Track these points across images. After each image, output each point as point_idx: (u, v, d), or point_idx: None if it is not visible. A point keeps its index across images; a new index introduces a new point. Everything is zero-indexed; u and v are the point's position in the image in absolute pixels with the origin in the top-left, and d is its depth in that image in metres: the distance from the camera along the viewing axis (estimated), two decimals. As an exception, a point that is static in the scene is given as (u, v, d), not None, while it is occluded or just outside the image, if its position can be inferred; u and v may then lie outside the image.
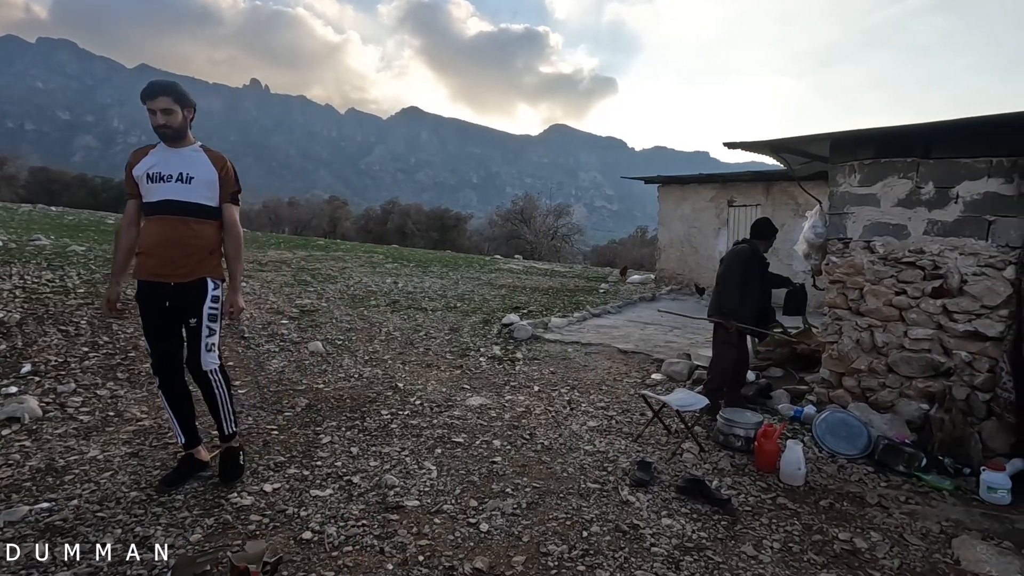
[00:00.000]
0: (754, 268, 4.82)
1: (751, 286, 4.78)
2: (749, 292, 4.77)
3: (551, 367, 6.27)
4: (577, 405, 4.98)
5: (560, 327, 8.39)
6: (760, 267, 4.90)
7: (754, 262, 4.83)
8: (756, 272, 4.84)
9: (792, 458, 3.62)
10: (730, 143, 5.45)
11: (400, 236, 37.09)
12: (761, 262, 4.92)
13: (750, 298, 4.79)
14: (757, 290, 4.86)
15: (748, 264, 4.78)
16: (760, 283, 4.89)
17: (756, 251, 4.88)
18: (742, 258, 4.80)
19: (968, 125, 4.11)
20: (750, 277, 4.77)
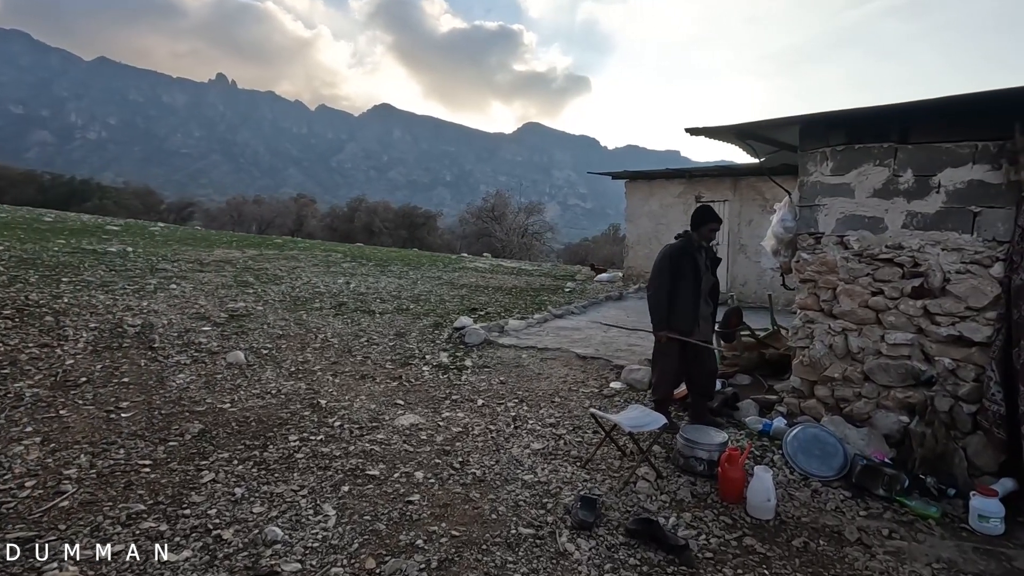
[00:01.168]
0: (685, 265, 4.19)
1: (683, 286, 4.18)
2: (681, 293, 4.17)
3: (501, 376, 5.69)
4: (523, 422, 4.41)
5: (517, 330, 7.82)
6: (693, 262, 4.22)
7: (683, 258, 4.20)
8: (688, 269, 4.19)
9: (760, 488, 3.12)
10: (692, 128, 4.96)
11: (367, 234, 36.04)
12: (694, 257, 4.23)
13: (683, 300, 4.18)
14: (692, 290, 4.20)
15: (674, 261, 4.18)
16: (695, 281, 4.21)
17: (689, 244, 4.27)
18: (665, 256, 4.23)
19: (951, 104, 3.67)
20: (680, 275, 4.17)
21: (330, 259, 15.23)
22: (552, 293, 12.26)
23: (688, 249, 4.24)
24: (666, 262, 4.21)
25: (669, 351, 4.23)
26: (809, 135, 4.48)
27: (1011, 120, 3.47)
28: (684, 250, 4.24)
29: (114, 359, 5.03)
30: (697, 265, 4.21)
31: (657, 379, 4.42)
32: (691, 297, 4.21)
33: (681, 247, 4.26)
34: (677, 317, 4.18)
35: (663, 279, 4.19)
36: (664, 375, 4.34)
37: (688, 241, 4.30)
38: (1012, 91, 3.34)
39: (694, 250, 4.25)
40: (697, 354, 4.28)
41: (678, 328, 4.19)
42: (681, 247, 4.26)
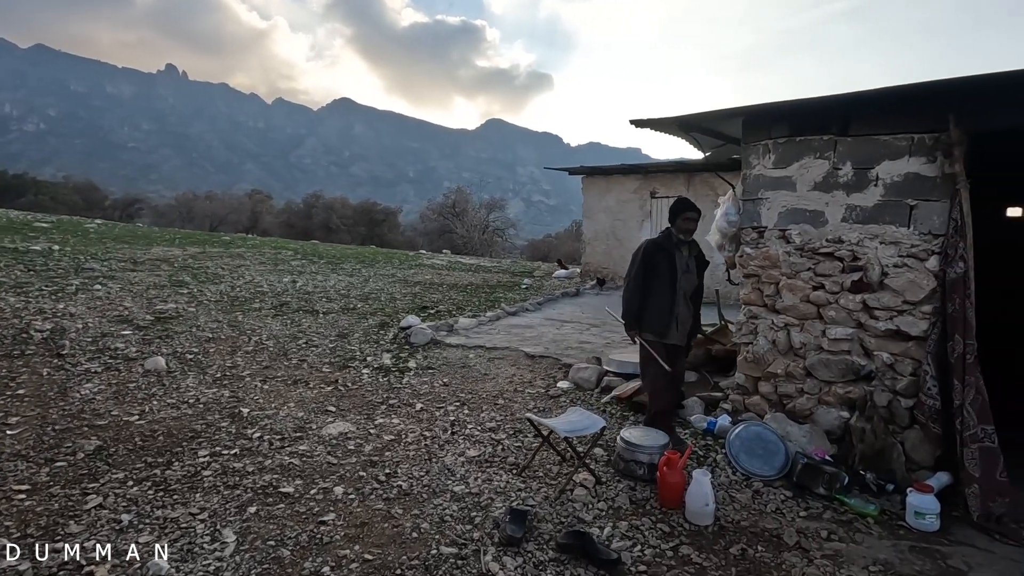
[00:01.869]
0: (660, 261, 3.90)
1: (657, 284, 3.89)
2: (655, 292, 3.90)
3: (445, 378, 5.45)
4: (462, 427, 4.19)
5: (467, 329, 7.59)
6: (669, 259, 3.90)
7: (658, 254, 3.91)
8: (663, 266, 3.89)
9: (699, 493, 2.98)
10: (637, 120, 4.82)
11: (325, 231, 35.06)
12: (670, 254, 3.91)
13: (657, 298, 3.90)
14: (666, 288, 3.89)
15: (647, 256, 3.91)
16: (671, 279, 3.88)
17: (667, 240, 3.99)
18: (639, 252, 3.98)
19: (888, 96, 3.62)
20: (654, 274, 3.90)
21: (279, 257, 14.64)
22: (508, 290, 12.07)
23: (665, 245, 3.95)
24: (639, 258, 3.95)
25: (651, 355, 3.88)
26: (752, 127, 4.40)
27: (945, 113, 3.43)
28: (660, 246, 3.95)
29: (12, 368, 4.56)
30: (673, 262, 3.89)
31: (648, 389, 4.07)
32: (666, 296, 3.88)
33: (657, 242, 3.99)
34: (650, 317, 3.90)
35: (635, 275, 3.94)
36: (656, 383, 3.95)
37: (666, 236, 4.01)
38: (945, 83, 3.30)
39: (671, 246, 3.94)
40: (676, 359, 3.98)
41: (651, 328, 3.90)
42: (657, 242, 3.99)
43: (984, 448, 3.26)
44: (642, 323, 3.93)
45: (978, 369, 3.32)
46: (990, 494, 3.19)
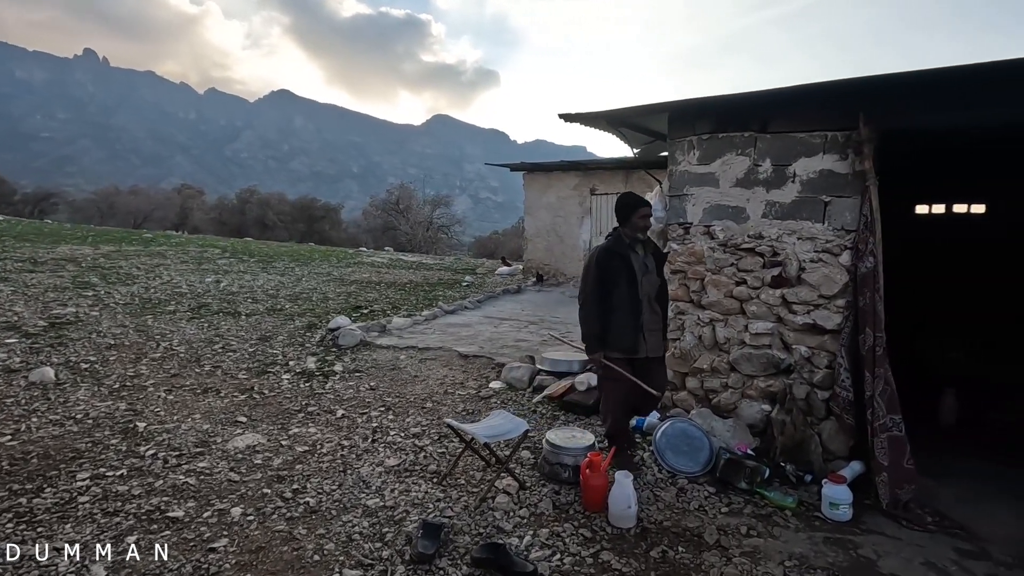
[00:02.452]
0: (616, 268, 3.39)
1: (617, 294, 3.39)
2: (617, 303, 3.37)
3: (372, 381, 5.20)
4: (384, 433, 3.97)
5: (401, 329, 7.33)
6: (625, 263, 3.41)
7: (612, 260, 3.41)
8: (621, 273, 3.38)
9: (621, 495, 2.91)
10: (565, 115, 4.73)
11: (260, 228, 33.56)
12: (626, 257, 3.42)
13: (620, 311, 3.38)
14: (628, 297, 3.38)
15: (601, 266, 3.41)
16: (631, 286, 3.39)
17: (618, 242, 3.49)
18: (591, 263, 3.48)
19: (804, 93, 3.67)
20: (612, 283, 3.39)
21: (205, 255, 13.81)
22: (448, 288, 11.85)
23: (617, 248, 3.45)
24: (592, 270, 3.44)
25: (616, 375, 3.40)
26: (677, 123, 4.40)
27: (855, 111, 3.51)
28: (612, 251, 3.45)
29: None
30: (631, 266, 3.42)
31: (603, 409, 3.68)
32: (628, 306, 3.39)
33: (608, 248, 3.48)
34: (615, 334, 3.40)
35: (590, 290, 3.43)
36: (612, 404, 3.58)
37: (617, 239, 3.53)
38: (854, 82, 3.37)
39: (624, 248, 3.46)
40: (651, 373, 3.51)
41: (619, 346, 3.41)
42: (608, 248, 3.48)
43: (892, 437, 3.36)
44: (607, 342, 3.42)
45: (887, 361, 3.42)
46: (898, 482, 3.29)
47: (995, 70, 3.02)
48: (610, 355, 3.42)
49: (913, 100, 3.42)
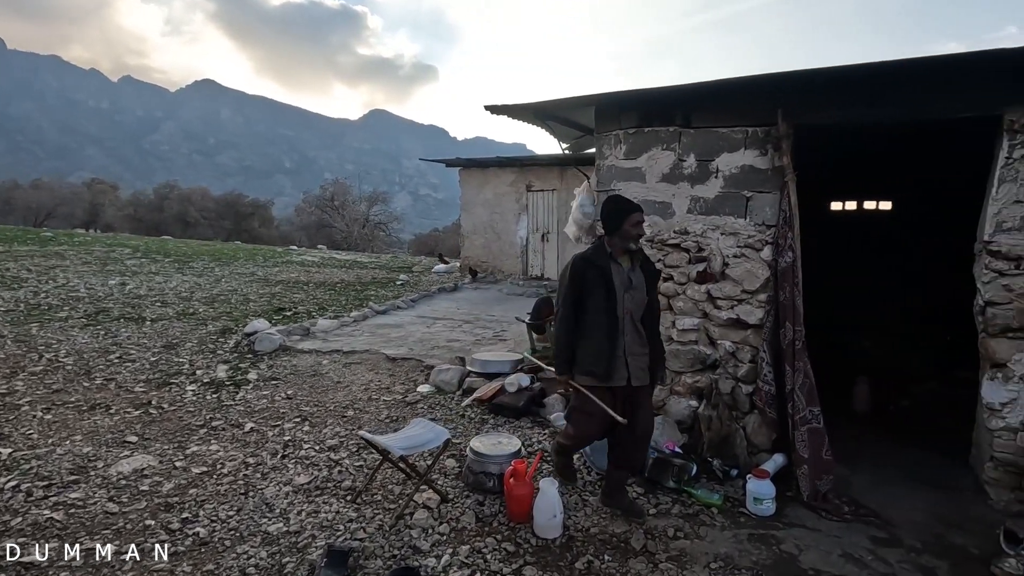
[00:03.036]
0: (592, 281, 2.89)
1: (592, 311, 2.90)
2: (589, 321, 2.91)
3: (290, 389, 4.84)
4: (297, 447, 3.66)
5: (327, 331, 6.94)
6: (604, 277, 2.89)
7: (589, 271, 2.91)
8: (598, 287, 2.89)
9: (545, 505, 2.77)
10: (492, 106, 4.56)
11: (182, 226, 31.41)
12: (604, 270, 2.90)
13: (593, 330, 2.89)
14: (604, 315, 2.88)
15: (577, 278, 2.92)
16: (608, 303, 2.88)
17: (598, 253, 2.97)
18: (565, 272, 3.01)
19: (725, 88, 3.67)
20: (586, 297, 2.92)
21: (112, 255, 12.69)
22: (382, 287, 11.45)
23: (596, 259, 2.94)
24: (567, 279, 2.98)
25: (590, 403, 2.89)
26: (603, 117, 4.32)
27: (774, 106, 3.53)
28: (589, 261, 2.94)
29: None
30: (609, 279, 2.90)
31: (568, 437, 3.17)
32: (603, 324, 2.89)
33: (585, 257, 2.98)
34: (586, 356, 2.90)
35: (564, 303, 2.98)
36: (576, 439, 3.15)
37: (597, 248, 3.00)
38: (771, 77, 3.39)
39: (605, 259, 2.93)
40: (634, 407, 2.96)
41: (590, 371, 2.89)
42: (585, 257, 2.98)
43: (812, 429, 3.41)
44: (577, 364, 2.94)
45: (806, 354, 3.47)
46: (817, 473, 3.33)
47: (895, 68, 3.10)
48: (580, 380, 2.93)
49: (824, 96, 3.47)
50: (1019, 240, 3.04)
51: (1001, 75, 3.00)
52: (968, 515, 3.13)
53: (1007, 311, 3.11)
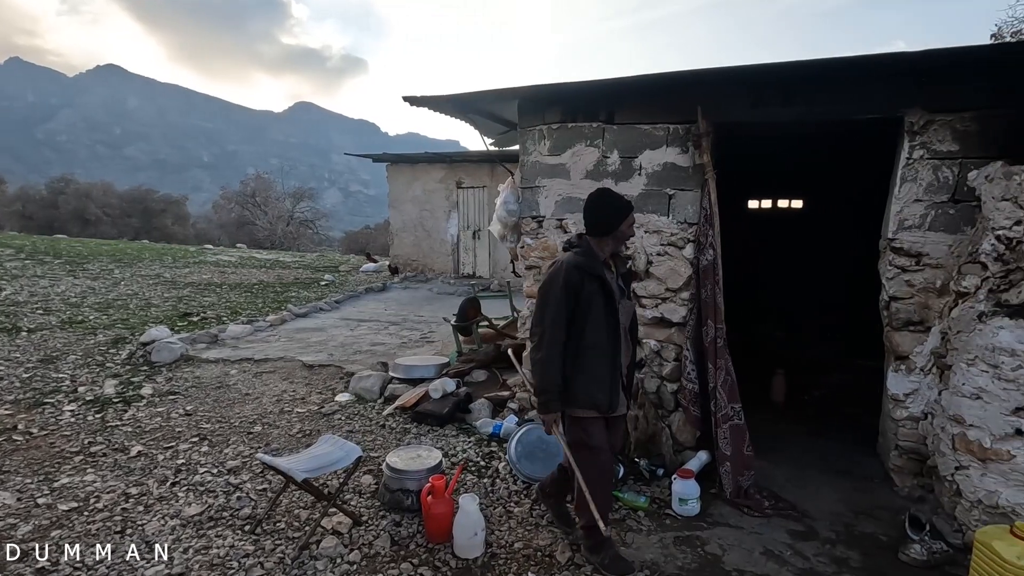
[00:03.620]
0: (592, 295, 2.43)
1: (592, 330, 2.45)
2: (591, 343, 2.45)
3: (190, 404, 4.38)
4: (191, 472, 3.28)
5: (238, 338, 6.42)
6: (604, 288, 2.46)
7: (587, 282, 2.43)
8: (597, 301, 2.44)
9: (465, 523, 2.59)
10: (410, 98, 4.30)
11: (81, 224, 28.59)
12: (602, 279, 2.46)
13: (597, 354, 2.46)
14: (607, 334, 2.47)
15: (571, 289, 2.41)
16: (610, 318, 2.47)
17: (591, 260, 2.48)
18: (555, 282, 2.44)
19: (647, 84, 3.62)
20: (584, 312, 2.44)
21: (-10, 257, 11.26)
22: (305, 288, 10.85)
23: (594, 268, 2.45)
24: (556, 293, 2.42)
25: (592, 442, 2.48)
26: (527, 111, 4.18)
27: (694, 104, 3.52)
28: (588, 271, 2.44)
29: None
30: (609, 290, 2.47)
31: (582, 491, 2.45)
32: (607, 344, 2.46)
33: (579, 265, 2.45)
34: (588, 383, 2.45)
35: (550, 322, 2.42)
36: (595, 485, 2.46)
37: (590, 255, 2.49)
38: (690, 74, 3.36)
39: (601, 266, 2.48)
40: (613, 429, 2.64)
41: (590, 401, 2.46)
42: (579, 265, 2.45)
43: (734, 426, 3.43)
44: (573, 395, 2.46)
45: (727, 352, 3.48)
46: (739, 469, 3.36)
47: (804, 68, 3.15)
48: (577, 413, 2.49)
49: (741, 95, 3.49)
50: (919, 237, 3.18)
51: (901, 78, 3.11)
52: (877, 503, 3.25)
53: (909, 306, 3.24)
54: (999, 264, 2.74)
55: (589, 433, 2.48)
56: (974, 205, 3.01)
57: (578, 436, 2.51)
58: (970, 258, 2.88)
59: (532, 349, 2.49)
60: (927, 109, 3.09)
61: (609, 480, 2.57)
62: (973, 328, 2.76)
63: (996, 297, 2.72)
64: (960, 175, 3.05)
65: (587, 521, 2.51)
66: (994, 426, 2.65)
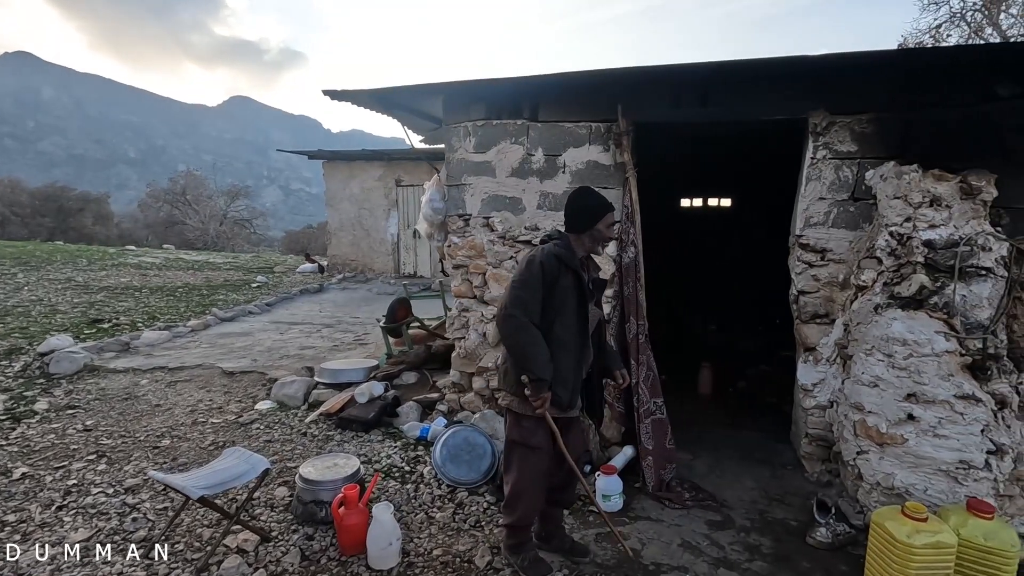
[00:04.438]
0: (566, 289, 2.36)
1: (561, 325, 2.37)
2: (559, 337, 2.36)
3: (90, 418, 4.05)
4: (83, 493, 3.01)
5: (153, 345, 6.02)
6: (578, 285, 2.40)
7: (563, 275, 2.36)
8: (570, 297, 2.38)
9: (379, 534, 2.49)
10: (330, 91, 4.13)
11: (-15, 224, 26.20)
12: (579, 276, 2.40)
13: (563, 351, 2.37)
14: (576, 334, 2.41)
15: (550, 277, 2.33)
16: (580, 317, 2.42)
17: (571, 254, 2.40)
18: (533, 268, 2.33)
19: (566, 81, 3.62)
20: (558, 305, 2.36)
21: None
22: (234, 290, 10.34)
23: (570, 261, 2.37)
24: (537, 277, 2.31)
25: (534, 441, 2.40)
26: (452, 108, 4.10)
27: (614, 102, 3.55)
28: (567, 264, 2.36)
29: None
30: (582, 289, 2.41)
31: (513, 490, 2.47)
32: (575, 343, 2.40)
33: (560, 256, 2.36)
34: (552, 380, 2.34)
35: (532, 306, 2.30)
36: (528, 482, 2.45)
37: (569, 250, 2.41)
38: (609, 72, 3.38)
39: (578, 263, 2.41)
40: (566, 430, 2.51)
41: (556, 399, 2.39)
42: (560, 256, 2.36)
43: (656, 420, 3.49)
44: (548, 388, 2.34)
45: (649, 348, 3.54)
46: (661, 462, 3.41)
47: (714, 69, 3.23)
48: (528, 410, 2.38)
49: (660, 94, 3.55)
50: (823, 234, 3.32)
51: (804, 81, 3.24)
52: (789, 489, 3.38)
53: (815, 299, 3.39)
54: (892, 259, 2.90)
55: (533, 432, 2.41)
56: (871, 203, 3.17)
57: (521, 434, 2.43)
58: (867, 253, 3.04)
59: (509, 335, 2.30)
60: (829, 111, 3.23)
61: (542, 483, 2.49)
62: (870, 320, 2.91)
63: (890, 290, 2.87)
64: (858, 174, 3.21)
65: (511, 520, 2.50)
66: (889, 412, 2.79)
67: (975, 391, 2.64)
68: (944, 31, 11.71)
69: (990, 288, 2.71)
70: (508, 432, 2.51)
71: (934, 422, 2.69)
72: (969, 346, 2.69)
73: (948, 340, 2.68)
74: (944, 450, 2.67)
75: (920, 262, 2.78)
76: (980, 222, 2.75)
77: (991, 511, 2.41)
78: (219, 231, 28.68)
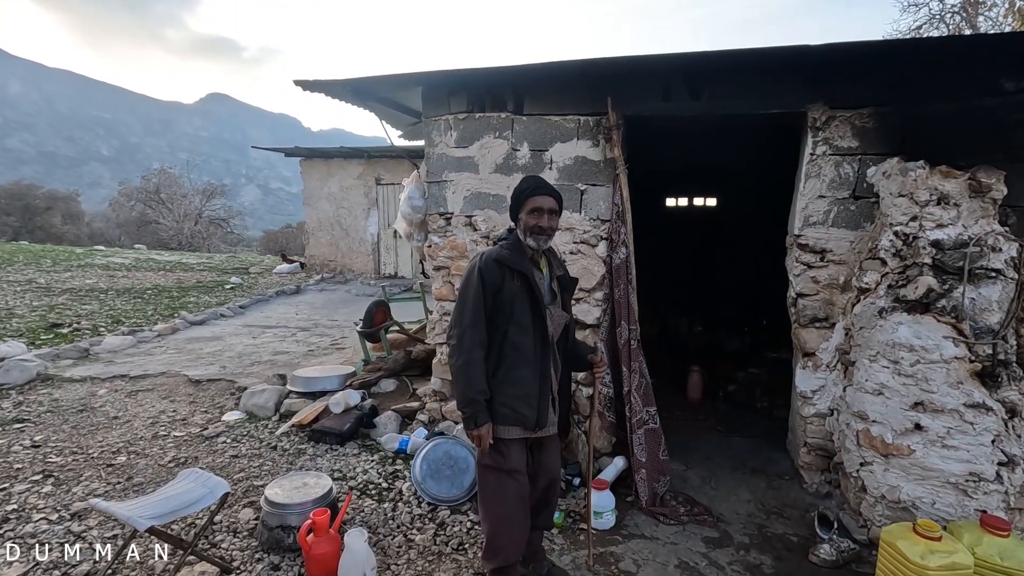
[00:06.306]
0: (510, 292, 2.14)
1: (515, 334, 2.16)
2: (511, 349, 2.16)
3: (39, 433, 3.74)
4: (23, 520, 2.72)
5: (115, 351, 5.68)
6: (528, 286, 2.16)
7: (508, 277, 2.15)
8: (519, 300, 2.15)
9: (352, 564, 2.26)
10: (301, 81, 3.88)
11: (-55, 223, 25.14)
12: (527, 277, 2.15)
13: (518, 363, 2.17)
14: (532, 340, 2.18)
15: (489, 283, 2.13)
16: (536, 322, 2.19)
17: (515, 252, 2.19)
18: (471, 278, 2.16)
19: (552, 71, 3.41)
20: (504, 313, 2.15)
21: None
22: (207, 292, 9.96)
23: (514, 261, 2.16)
24: (472, 289, 2.14)
25: (509, 465, 2.18)
26: (432, 100, 3.87)
27: (604, 95, 3.36)
28: (508, 264, 2.15)
29: None
30: (534, 291, 2.16)
31: (491, 529, 2.23)
32: (532, 353, 2.18)
33: (498, 258, 2.16)
34: (509, 397, 2.15)
35: (469, 322, 2.12)
36: (499, 513, 2.22)
37: (515, 247, 2.21)
38: (597, 62, 3.19)
39: (527, 263, 2.19)
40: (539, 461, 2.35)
41: (514, 418, 2.16)
42: (498, 258, 2.16)
43: (649, 430, 3.31)
44: (494, 411, 2.15)
45: (641, 354, 3.35)
46: (655, 475, 3.24)
47: (710, 59, 3.05)
48: (503, 433, 2.16)
49: (652, 86, 3.37)
50: (823, 233, 3.17)
51: (804, 73, 3.08)
52: (787, 501, 3.23)
53: (815, 302, 3.24)
54: (897, 260, 2.76)
55: (506, 455, 2.17)
56: (873, 201, 3.03)
57: (492, 459, 2.18)
58: (870, 254, 2.89)
59: (449, 355, 2.16)
60: (829, 105, 3.08)
61: (523, 510, 2.23)
62: (874, 324, 2.76)
63: (895, 293, 2.73)
64: (860, 171, 3.07)
65: (495, 564, 2.23)
66: (895, 421, 2.65)
67: (985, 399, 2.50)
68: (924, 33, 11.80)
69: (1000, 291, 2.58)
70: (479, 456, 2.25)
71: (942, 432, 2.54)
72: (979, 352, 2.55)
73: (957, 346, 2.54)
74: (953, 461, 2.53)
75: (927, 263, 2.64)
76: (990, 221, 2.62)
77: (1006, 528, 2.28)
78: (194, 231, 27.93)
